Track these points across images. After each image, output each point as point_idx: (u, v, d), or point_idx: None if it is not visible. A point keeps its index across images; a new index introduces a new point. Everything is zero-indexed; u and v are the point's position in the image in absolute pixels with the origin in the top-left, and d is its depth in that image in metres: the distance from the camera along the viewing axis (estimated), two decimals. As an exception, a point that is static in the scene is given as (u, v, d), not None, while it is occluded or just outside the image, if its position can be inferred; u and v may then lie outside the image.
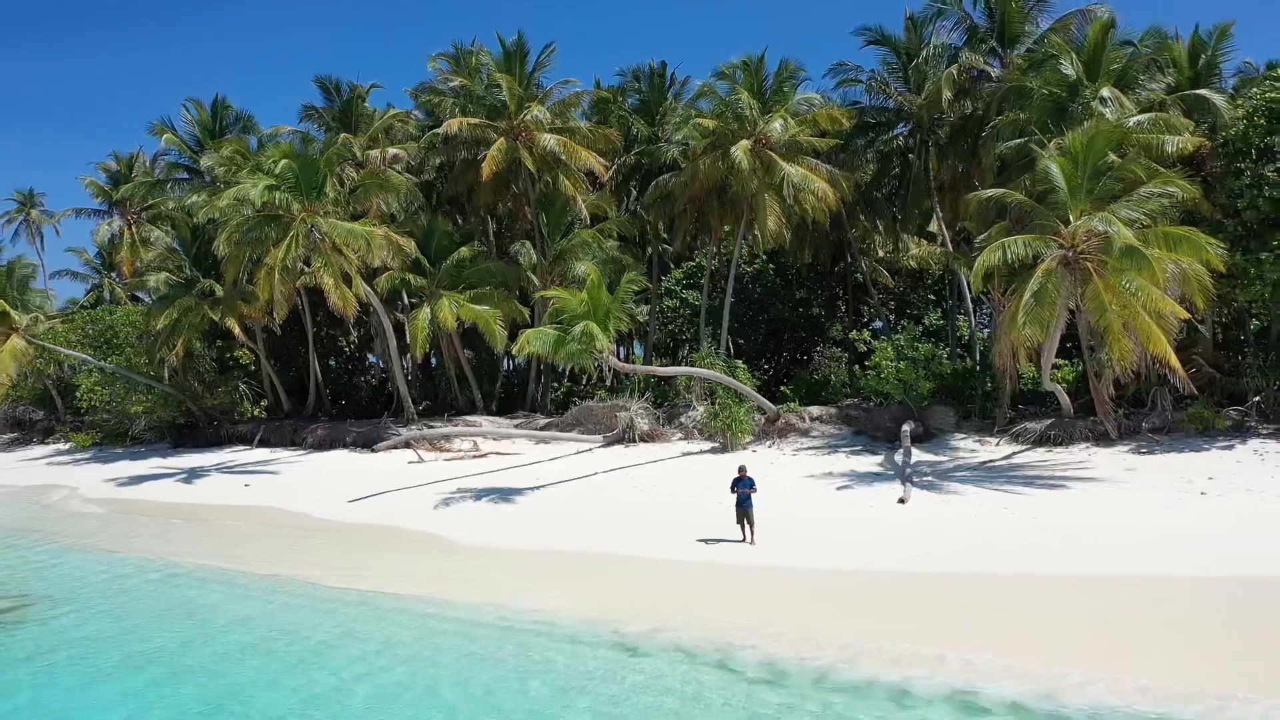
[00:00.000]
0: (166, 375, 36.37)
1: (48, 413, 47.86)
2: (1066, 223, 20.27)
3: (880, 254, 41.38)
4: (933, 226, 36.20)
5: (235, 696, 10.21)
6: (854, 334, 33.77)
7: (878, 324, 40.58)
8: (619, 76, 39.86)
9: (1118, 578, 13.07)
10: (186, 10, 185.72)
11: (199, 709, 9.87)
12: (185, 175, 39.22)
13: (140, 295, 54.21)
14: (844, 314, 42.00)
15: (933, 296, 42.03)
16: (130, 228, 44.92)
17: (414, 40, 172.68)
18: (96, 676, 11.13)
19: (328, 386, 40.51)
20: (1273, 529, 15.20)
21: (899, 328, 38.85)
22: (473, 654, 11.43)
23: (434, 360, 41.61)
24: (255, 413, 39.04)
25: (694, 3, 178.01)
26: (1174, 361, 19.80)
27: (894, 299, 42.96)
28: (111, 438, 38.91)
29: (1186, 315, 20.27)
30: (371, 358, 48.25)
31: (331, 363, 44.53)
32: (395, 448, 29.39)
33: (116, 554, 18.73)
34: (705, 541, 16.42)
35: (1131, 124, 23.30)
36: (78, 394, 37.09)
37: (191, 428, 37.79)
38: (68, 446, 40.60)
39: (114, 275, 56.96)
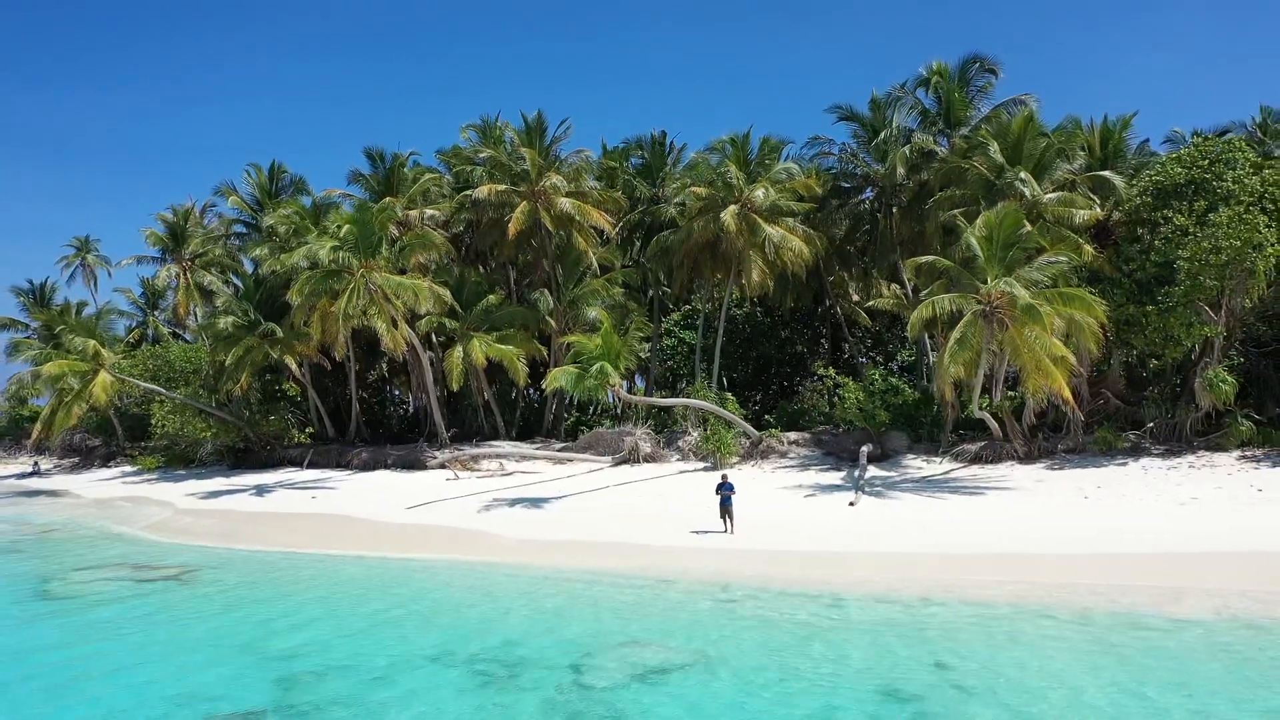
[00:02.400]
0: (222, 405, 41.46)
1: (105, 439, 52.84)
2: (984, 283, 25.51)
3: (855, 298, 46.80)
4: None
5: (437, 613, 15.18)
6: (822, 369, 38.76)
7: (862, 360, 45.77)
8: (624, 144, 45.61)
9: (981, 555, 18.04)
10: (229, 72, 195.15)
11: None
12: (243, 229, 44.60)
13: (180, 332, 59.67)
14: (825, 351, 47.22)
15: (906, 335, 47.30)
16: (185, 274, 50.14)
17: (439, 108, 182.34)
18: (297, 608, 16.07)
19: (362, 415, 45.55)
20: (1121, 521, 20.20)
21: (876, 363, 44.19)
22: (572, 590, 17.04)
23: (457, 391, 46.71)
24: (301, 439, 44.02)
25: (691, 80, 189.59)
26: (1067, 394, 24.95)
27: (871, 337, 48.33)
28: (174, 460, 43.88)
29: (1072, 359, 25.33)
30: (396, 391, 53.52)
31: (363, 394, 49.59)
32: (443, 466, 34.44)
33: (245, 547, 23.55)
34: (697, 533, 21.39)
35: (1045, 200, 28.73)
36: (153, 421, 42.01)
37: (247, 452, 42.76)
38: (134, 468, 45.56)
39: (157, 314, 62.33)
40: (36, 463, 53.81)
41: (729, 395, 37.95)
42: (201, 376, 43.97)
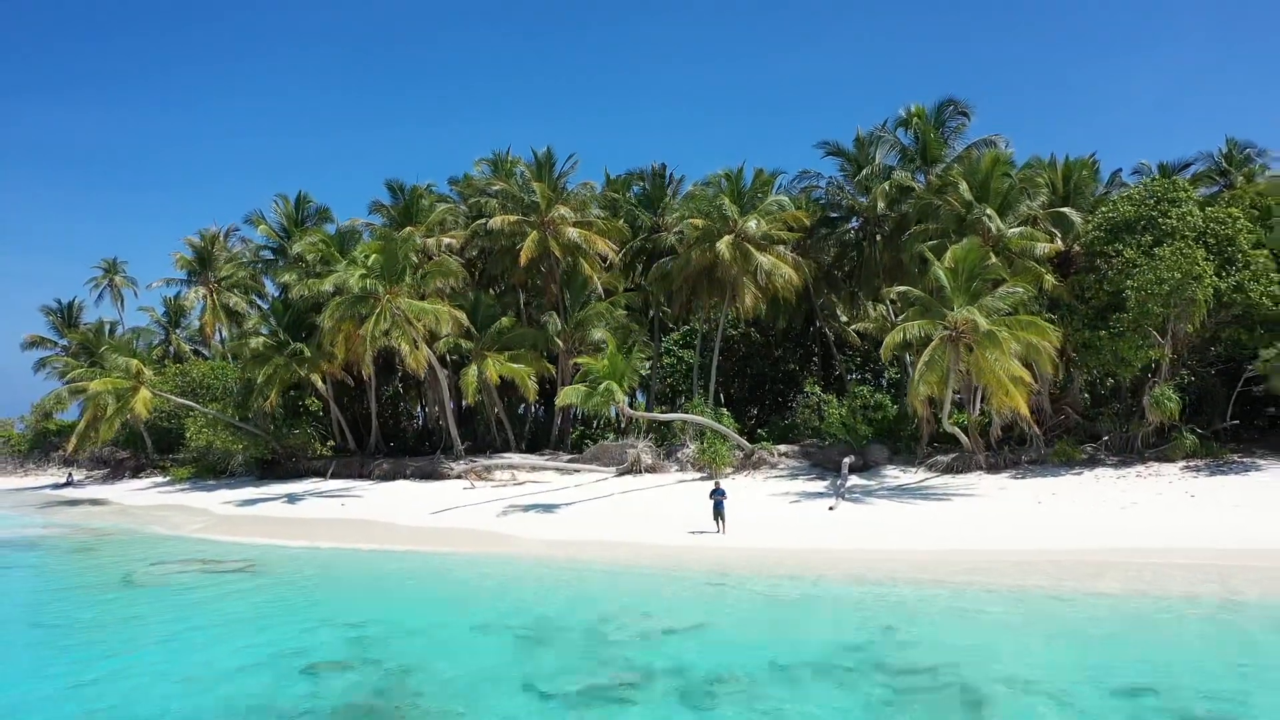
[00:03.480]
0: (246, 419, 44.31)
1: (134, 451, 55.65)
2: (951, 311, 28.49)
3: (844, 319, 49.81)
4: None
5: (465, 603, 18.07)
6: (809, 386, 41.68)
7: (852, 376, 48.68)
8: (627, 174, 48.81)
9: (940, 550, 20.94)
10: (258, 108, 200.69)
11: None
12: (270, 254, 47.64)
13: (200, 350, 62.55)
14: (817, 368, 50.16)
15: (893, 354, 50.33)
16: (212, 296, 53.16)
17: (451, 139, 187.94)
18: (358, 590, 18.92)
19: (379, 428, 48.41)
20: (1065, 522, 23.10)
21: (865, 380, 47.15)
22: (587, 578, 19.71)
23: (470, 406, 49.64)
24: (322, 451, 46.86)
25: (690, 120, 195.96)
26: (1025, 411, 27.94)
27: (860, 355, 51.27)
28: (204, 471, 46.71)
29: (1031, 380, 28.30)
30: (405, 404, 56.40)
31: (379, 408, 52.46)
32: (460, 476, 37.34)
33: (296, 544, 26.37)
34: (694, 533, 24.26)
35: (1010, 234, 31.80)
36: (188, 435, 44.85)
37: (274, 463, 45.59)
38: (165, 479, 48.41)
39: (179, 331, 65.26)
40: (70, 474, 56.58)
41: (725, 411, 40.90)
42: (229, 392, 46.84)
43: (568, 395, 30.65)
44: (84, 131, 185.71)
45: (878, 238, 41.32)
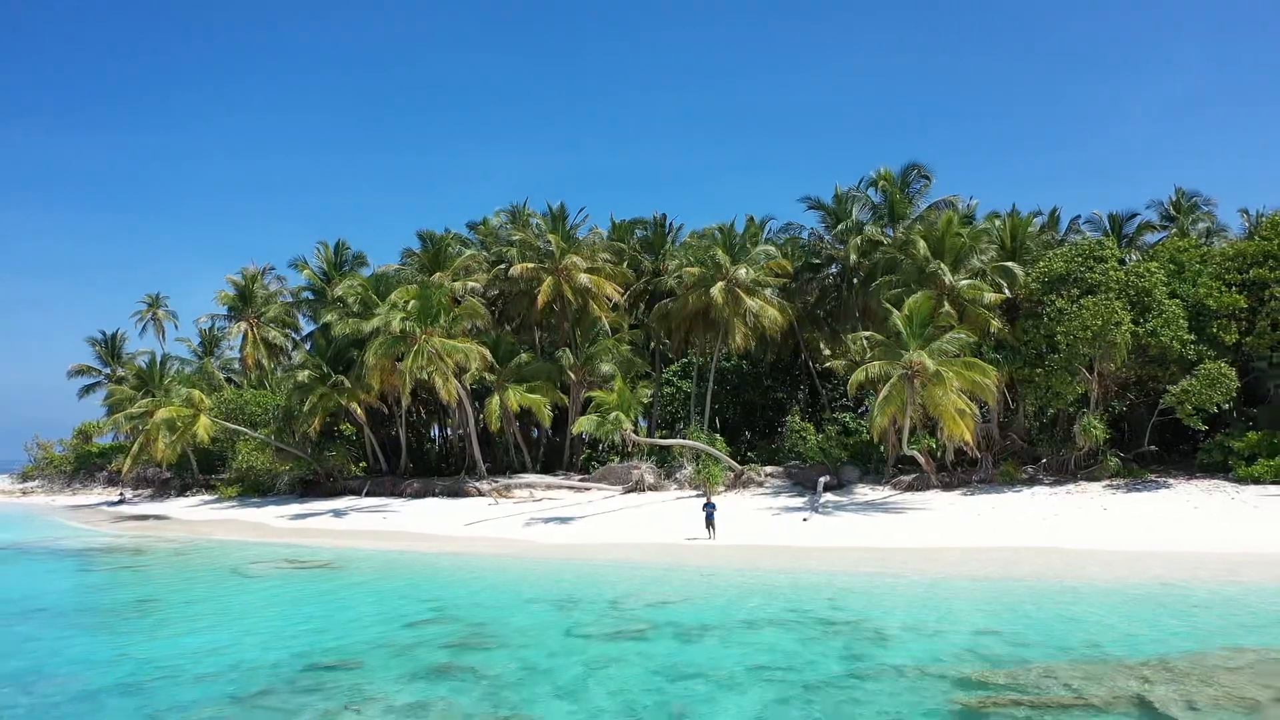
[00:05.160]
0: (295, 443, 49.42)
1: (177, 472, 60.72)
2: (907, 352, 33.74)
3: (827, 353, 55.06)
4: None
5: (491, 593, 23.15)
6: (792, 416, 46.82)
7: (836, 404, 53.82)
8: (631, 220, 54.35)
9: (886, 549, 26.06)
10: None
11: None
12: (311, 295, 53.07)
13: (233, 378, 67.78)
14: (804, 396, 55.37)
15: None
16: (253, 330, 58.49)
17: (475, 189, 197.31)
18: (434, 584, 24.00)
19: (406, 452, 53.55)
20: (998, 529, 28.20)
21: (847, 408, 52.30)
22: (603, 569, 24.56)
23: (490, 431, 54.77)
24: (356, 471, 51.94)
25: (687, 183, 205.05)
26: (969, 438, 33.18)
27: (842, 384, 56.36)
28: (249, 490, 51.78)
29: (976, 412, 33.51)
30: (434, 430, 61.62)
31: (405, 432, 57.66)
32: (489, 493, 42.53)
33: (363, 547, 31.41)
34: (689, 539, 29.35)
35: (961, 285, 37.15)
36: (239, 456, 50.01)
37: (314, 483, 50.67)
38: (213, 496, 53.49)
39: (213, 360, 70.52)
40: (122, 492, 61.66)
41: (718, 436, 46.08)
42: (273, 418, 51.96)
43: (583, 424, 35.86)
44: (108, 162, 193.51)
45: (854, 281, 46.67)
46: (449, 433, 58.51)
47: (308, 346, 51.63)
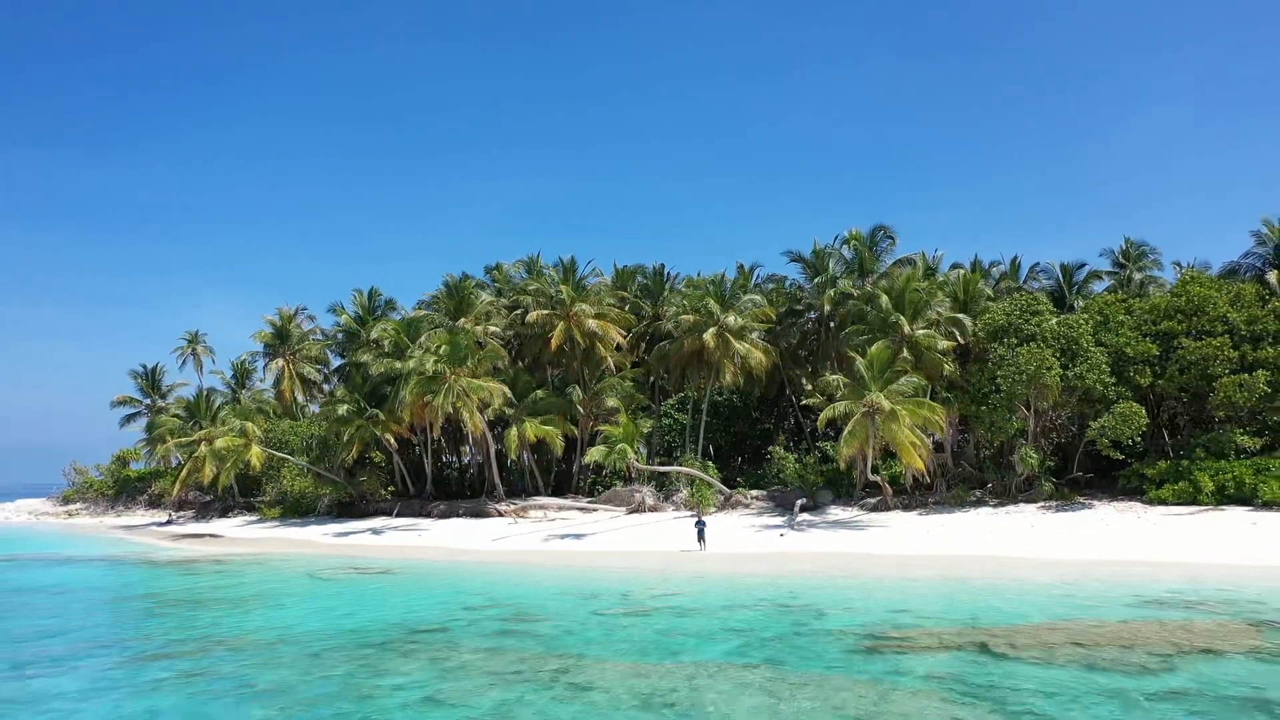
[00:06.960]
0: (334, 469, 55.26)
1: (218, 495, 66.43)
2: (867, 393, 39.77)
3: (809, 388, 61.16)
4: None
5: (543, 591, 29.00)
6: (776, 445, 52.76)
7: (819, 434, 59.69)
8: (633, 267, 60.72)
9: (846, 554, 31.93)
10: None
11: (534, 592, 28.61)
12: (343, 336, 59.22)
13: (263, 407, 73.64)
14: (790, 426, 61.36)
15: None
16: (289, 366, 64.54)
17: (490, 242, 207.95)
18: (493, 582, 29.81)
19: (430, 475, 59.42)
20: (944, 542, 34.07)
21: (829, 437, 58.17)
22: (613, 572, 30.40)
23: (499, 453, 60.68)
24: (385, 494, 57.74)
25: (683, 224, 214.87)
26: (921, 466, 39.16)
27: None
28: (288, 511, 57.52)
29: (929, 445, 39.52)
30: (451, 457, 67.44)
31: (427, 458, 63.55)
32: (508, 513, 48.40)
33: (413, 559, 37.20)
34: (683, 550, 35.21)
35: (918, 334, 43.30)
36: (284, 481, 55.85)
37: (349, 505, 56.45)
38: (255, 517, 59.22)
39: (244, 392, 76.37)
40: (171, 514, 67.36)
41: (711, 463, 52.02)
42: (310, 447, 57.80)
43: (594, 454, 41.83)
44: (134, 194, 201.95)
45: (831, 326, 52.86)
46: (468, 459, 64.41)
47: (335, 381, 57.62)
